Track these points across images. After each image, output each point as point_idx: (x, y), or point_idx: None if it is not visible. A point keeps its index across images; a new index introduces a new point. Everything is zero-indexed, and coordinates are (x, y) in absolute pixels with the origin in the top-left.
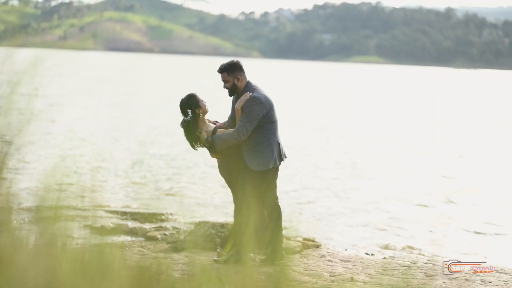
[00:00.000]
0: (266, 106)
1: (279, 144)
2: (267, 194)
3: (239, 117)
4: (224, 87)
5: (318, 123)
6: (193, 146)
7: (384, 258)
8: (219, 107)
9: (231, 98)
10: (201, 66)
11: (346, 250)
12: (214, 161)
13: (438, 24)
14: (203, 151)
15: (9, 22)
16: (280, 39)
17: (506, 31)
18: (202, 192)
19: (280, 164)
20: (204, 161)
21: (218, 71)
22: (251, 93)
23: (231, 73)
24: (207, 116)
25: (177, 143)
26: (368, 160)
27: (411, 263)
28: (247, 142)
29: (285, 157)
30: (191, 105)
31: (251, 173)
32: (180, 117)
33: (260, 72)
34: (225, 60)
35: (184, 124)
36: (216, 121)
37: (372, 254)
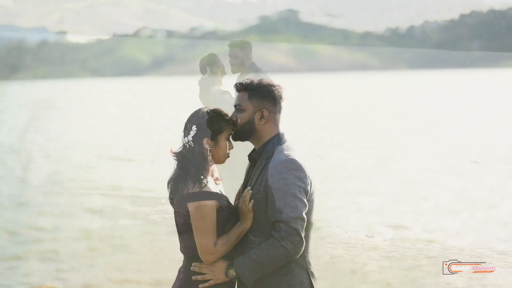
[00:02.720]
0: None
1: None
2: None
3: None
4: (230, 62)
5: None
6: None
7: (384, 240)
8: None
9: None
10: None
11: (346, 232)
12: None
13: None
14: None
15: (4, 6)
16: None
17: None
18: None
19: None
20: None
21: (229, 45)
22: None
23: (242, 50)
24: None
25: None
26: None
27: (410, 245)
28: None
29: None
30: (209, 63)
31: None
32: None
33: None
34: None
35: (201, 83)
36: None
37: (372, 236)
